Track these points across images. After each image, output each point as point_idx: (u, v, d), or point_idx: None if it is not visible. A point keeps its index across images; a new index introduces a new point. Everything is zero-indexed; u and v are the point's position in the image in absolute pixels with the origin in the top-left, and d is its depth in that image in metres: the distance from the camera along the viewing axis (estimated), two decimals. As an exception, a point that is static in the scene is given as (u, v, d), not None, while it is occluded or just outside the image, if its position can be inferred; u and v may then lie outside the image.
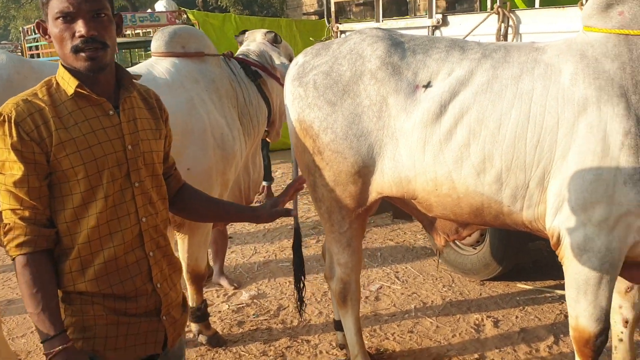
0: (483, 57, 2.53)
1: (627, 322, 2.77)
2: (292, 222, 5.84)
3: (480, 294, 4.16)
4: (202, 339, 3.64)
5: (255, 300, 4.24)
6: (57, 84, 1.67)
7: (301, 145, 2.87)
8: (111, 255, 1.67)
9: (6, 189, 1.58)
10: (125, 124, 1.72)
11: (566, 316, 3.67)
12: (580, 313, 2.41)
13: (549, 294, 4.10)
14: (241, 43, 4.15)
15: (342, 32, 4.99)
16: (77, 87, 1.63)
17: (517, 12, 3.69)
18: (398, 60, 2.63)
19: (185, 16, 9.95)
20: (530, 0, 5.93)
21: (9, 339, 3.81)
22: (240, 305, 4.17)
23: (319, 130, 2.76)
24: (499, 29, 3.71)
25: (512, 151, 2.38)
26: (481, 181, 2.47)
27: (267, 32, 3.98)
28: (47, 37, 1.67)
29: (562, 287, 4.14)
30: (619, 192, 2.20)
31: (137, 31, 11.06)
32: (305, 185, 2.15)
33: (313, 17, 21.77)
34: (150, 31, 10.96)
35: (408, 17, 8.21)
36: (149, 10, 12.25)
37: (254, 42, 3.97)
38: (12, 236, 1.58)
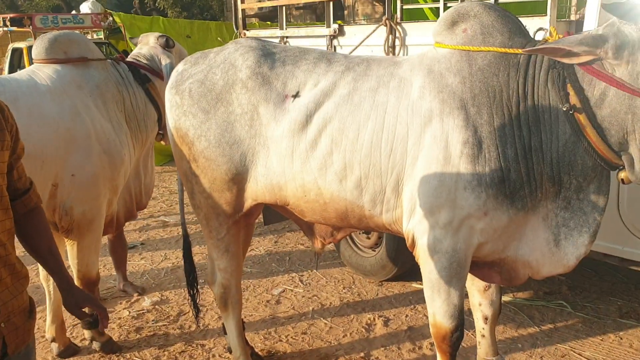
0: (346, 69, 2.66)
1: (486, 318, 2.95)
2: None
3: (377, 295, 4.32)
4: (95, 345, 3.64)
5: (157, 306, 4.26)
6: None
7: (179, 153, 2.94)
8: None
9: None
10: None
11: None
12: (436, 310, 2.57)
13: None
14: (136, 45, 4.16)
15: (249, 38, 5.06)
16: None
17: (404, 25, 3.86)
18: (267, 70, 2.73)
19: (110, 19, 9.83)
20: (438, 12, 6.16)
21: None
22: (141, 312, 4.19)
23: (194, 137, 2.83)
24: (387, 40, 3.87)
25: (369, 159, 2.53)
26: (343, 187, 2.60)
27: (160, 35, 3.97)
28: None
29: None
30: (460, 197, 2.36)
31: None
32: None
33: (253, 20, 21.81)
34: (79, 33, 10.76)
35: (309, 24, 8.40)
36: (73, 12, 12.01)
37: (146, 45, 3.96)
38: None
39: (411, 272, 4.45)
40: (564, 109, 2.23)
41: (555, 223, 2.38)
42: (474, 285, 2.92)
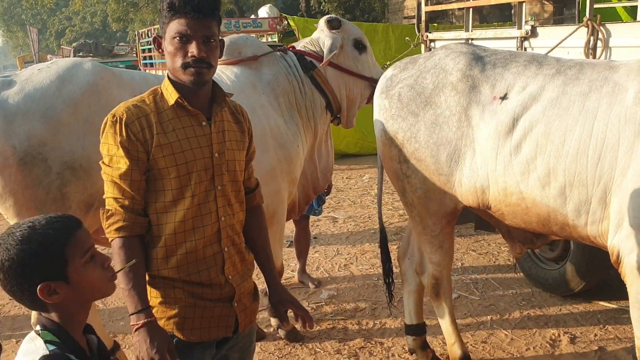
0: (557, 73, 2.59)
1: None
2: (375, 227, 6.00)
3: (560, 310, 4.09)
4: (281, 333, 3.85)
5: (333, 300, 4.41)
6: (162, 93, 1.94)
7: (388, 154, 3.07)
8: (192, 247, 1.91)
9: (112, 180, 1.85)
10: (215, 134, 1.95)
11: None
12: None
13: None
14: None
15: (432, 40, 5.06)
16: (177, 98, 1.89)
17: (608, 26, 3.61)
18: (478, 73, 2.75)
19: (286, 22, 10.33)
20: (633, 12, 5.70)
21: (110, 321, 4.23)
22: (319, 304, 4.36)
23: (404, 140, 2.94)
24: (588, 42, 3.65)
25: (574, 166, 2.43)
26: (546, 194, 2.53)
27: (327, 17, 3.81)
28: (160, 50, 1.94)
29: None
30: None
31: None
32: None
33: (414, 21, 21.72)
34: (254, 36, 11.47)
35: (496, 25, 8.10)
36: (253, 17, 12.80)
37: (317, 30, 3.88)
38: (112, 221, 1.85)
39: (598, 289, 4.18)
40: None
41: None
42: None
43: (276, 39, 10.87)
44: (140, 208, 1.88)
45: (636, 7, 5.52)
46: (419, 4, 5.16)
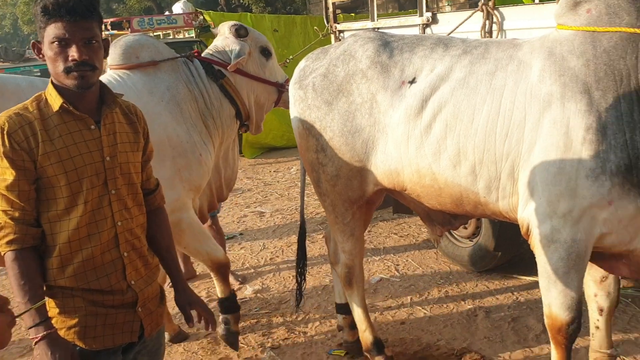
0: (464, 53, 2.65)
1: (602, 310, 2.84)
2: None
3: (477, 286, 4.25)
4: (221, 330, 3.54)
5: (258, 295, 4.40)
6: (46, 99, 1.87)
7: (305, 144, 3.10)
8: (89, 254, 1.86)
9: None
10: (105, 137, 1.90)
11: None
12: (551, 302, 2.50)
13: (544, 284, 4.15)
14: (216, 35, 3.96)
15: (340, 31, 5.11)
16: (62, 103, 1.83)
17: (501, 9, 3.76)
18: (386, 58, 2.80)
19: (201, 17, 10.16)
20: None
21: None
22: (244, 300, 4.34)
23: (320, 129, 2.97)
24: (484, 26, 3.79)
25: (483, 144, 2.50)
26: (457, 173, 2.60)
27: (232, 25, 3.70)
28: (40, 56, 1.86)
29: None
30: (582, 186, 2.27)
31: (156, 34, 11.34)
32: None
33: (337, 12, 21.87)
34: (169, 33, 11.23)
35: (400, 14, 8.28)
36: (167, 13, 12.52)
37: (222, 36, 3.75)
38: (2, 234, 1.78)
39: (511, 263, 4.37)
40: None
41: None
42: (590, 275, 2.81)
43: (193, 35, 10.70)
44: (31, 218, 1.81)
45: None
46: (326, -5, 5.19)
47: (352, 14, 12.08)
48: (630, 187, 2.21)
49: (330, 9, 5.09)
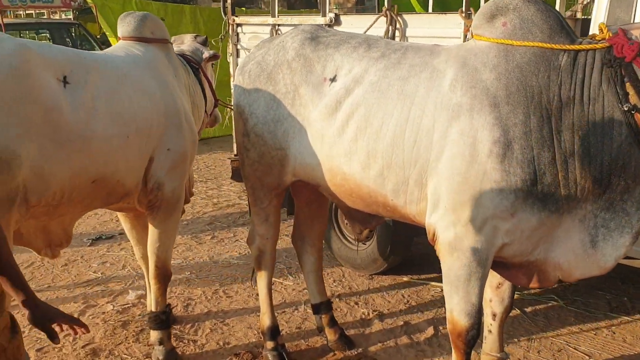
0: (381, 56, 2.66)
1: (495, 315, 2.93)
2: (190, 217, 5.75)
3: (368, 288, 4.27)
4: (158, 352, 3.31)
5: (142, 300, 4.11)
6: None
7: (237, 128, 3.19)
8: None
9: None
10: None
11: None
12: (453, 307, 2.54)
13: (434, 288, 4.26)
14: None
15: (239, 25, 4.94)
16: None
17: (404, 16, 3.79)
18: (310, 52, 2.82)
19: (81, -1, 9.47)
20: (424, 3, 6.13)
21: None
22: (126, 306, 4.04)
23: (248, 114, 3.04)
24: (387, 31, 3.80)
25: (391, 149, 2.52)
26: (367, 175, 2.62)
27: (197, 36, 4.11)
28: None
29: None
30: (485, 196, 2.31)
31: (28, 11, 10.40)
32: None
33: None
34: (43, 13, 10.35)
35: (302, 12, 8.28)
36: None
37: (184, 44, 4.01)
38: None
39: (402, 266, 4.44)
40: (625, 109, 2.16)
41: (593, 224, 2.33)
42: (487, 281, 2.88)
43: (71, 17, 9.94)
44: None
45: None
46: (223, -15, 4.99)
47: (243, 9, 11.85)
48: (534, 201, 2.27)
49: (229, 2, 4.88)
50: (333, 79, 2.74)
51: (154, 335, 3.35)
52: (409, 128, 2.47)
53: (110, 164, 2.80)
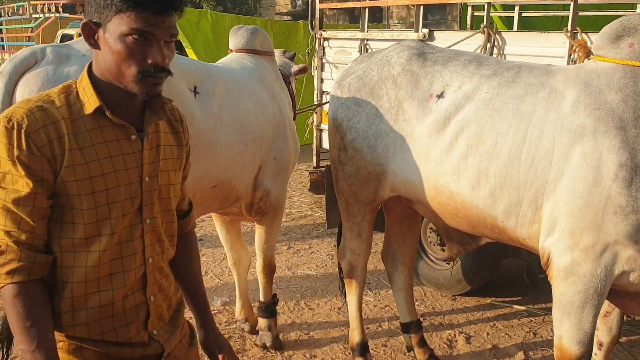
0: (494, 74, 2.61)
1: (601, 345, 2.83)
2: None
3: (452, 309, 4.20)
4: (265, 337, 3.58)
5: (227, 307, 4.17)
6: (78, 93, 1.47)
7: (332, 141, 3.16)
8: (108, 299, 1.49)
9: (3, 206, 1.38)
10: (147, 152, 1.53)
11: (535, 333, 3.76)
12: (563, 334, 2.45)
13: (519, 311, 4.15)
14: None
15: (326, 39, 4.98)
16: (97, 108, 1.44)
17: (503, 34, 3.74)
18: (417, 68, 2.80)
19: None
20: (508, 21, 6.04)
21: None
22: (212, 312, 4.09)
23: (346, 128, 3.02)
24: (484, 48, 3.75)
25: (506, 169, 2.46)
26: (476, 194, 2.55)
27: (285, 51, 4.22)
28: (92, 41, 1.44)
29: (531, 303, 4.22)
30: (608, 221, 2.23)
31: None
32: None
33: (286, 18, 21.77)
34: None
35: (395, 29, 8.28)
36: None
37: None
38: (2, 261, 1.37)
39: (484, 287, 4.35)
40: None
41: None
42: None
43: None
44: (41, 243, 1.42)
45: (512, 17, 5.87)
46: (312, 1, 5.05)
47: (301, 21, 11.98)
48: None
49: (317, 15, 4.93)
50: (440, 95, 2.70)
51: (263, 322, 3.60)
52: (526, 148, 2.41)
53: (230, 170, 2.93)
